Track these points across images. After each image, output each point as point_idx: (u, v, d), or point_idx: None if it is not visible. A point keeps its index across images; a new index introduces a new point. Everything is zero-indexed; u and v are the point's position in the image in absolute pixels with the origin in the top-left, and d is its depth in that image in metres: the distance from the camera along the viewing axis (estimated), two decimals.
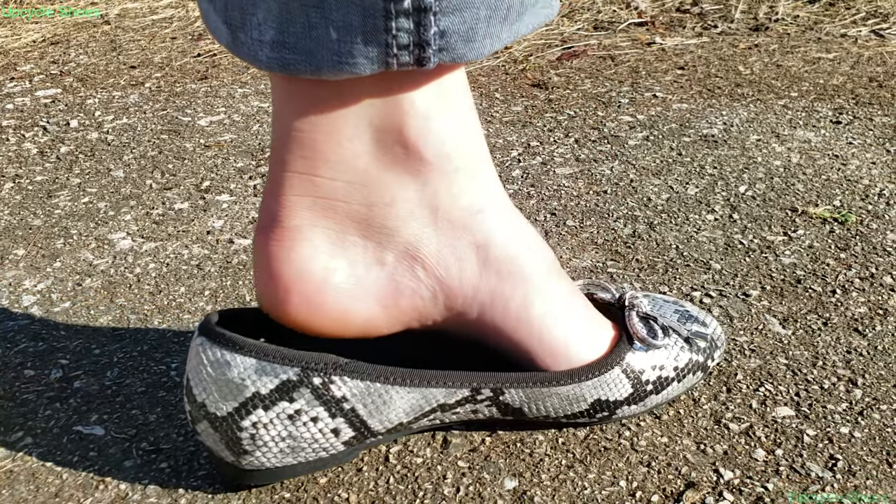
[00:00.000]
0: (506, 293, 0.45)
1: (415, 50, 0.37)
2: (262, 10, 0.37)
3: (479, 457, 0.48)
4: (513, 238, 0.45)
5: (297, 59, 0.37)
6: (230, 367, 0.42)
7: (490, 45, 0.39)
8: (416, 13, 0.36)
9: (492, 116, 1.02)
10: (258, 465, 0.44)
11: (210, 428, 0.43)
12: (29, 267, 0.71)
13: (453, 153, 0.42)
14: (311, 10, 0.36)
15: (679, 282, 0.65)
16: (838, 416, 0.50)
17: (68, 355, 0.59)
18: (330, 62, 0.37)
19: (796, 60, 1.19)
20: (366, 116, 0.40)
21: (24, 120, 1.08)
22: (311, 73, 0.38)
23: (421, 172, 0.42)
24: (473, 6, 0.36)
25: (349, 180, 0.42)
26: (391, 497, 0.45)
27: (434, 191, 0.43)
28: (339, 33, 0.36)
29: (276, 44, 0.37)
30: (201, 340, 0.43)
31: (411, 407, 0.45)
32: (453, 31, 0.37)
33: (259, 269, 0.44)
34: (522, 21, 0.39)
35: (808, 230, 0.72)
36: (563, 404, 0.47)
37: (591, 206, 0.78)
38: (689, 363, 0.49)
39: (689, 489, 0.45)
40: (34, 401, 0.54)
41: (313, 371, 0.42)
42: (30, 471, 0.48)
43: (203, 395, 0.43)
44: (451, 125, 0.42)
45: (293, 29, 0.37)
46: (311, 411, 0.43)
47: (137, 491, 0.46)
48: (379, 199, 0.43)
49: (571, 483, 0.46)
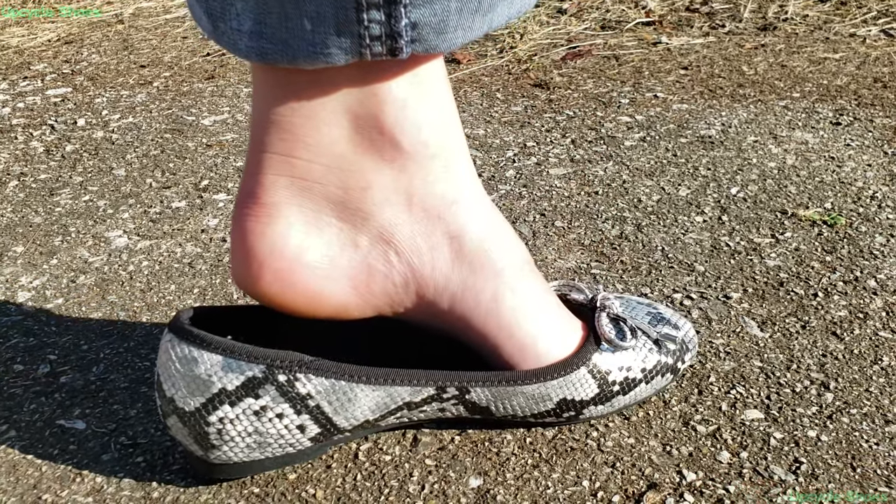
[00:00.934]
0: (477, 285, 0.46)
1: (387, 41, 0.38)
2: (240, 1, 0.38)
3: (447, 455, 0.49)
4: (487, 232, 0.46)
5: (273, 48, 0.38)
6: (197, 363, 0.43)
7: (463, 36, 0.39)
8: (387, 5, 0.36)
9: (491, 116, 1.03)
10: (226, 459, 0.45)
11: (179, 422, 0.44)
12: (26, 264, 0.73)
13: (429, 141, 0.43)
14: (286, 1, 0.37)
15: (661, 283, 0.65)
16: (807, 419, 0.50)
17: (57, 351, 0.60)
18: (305, 52, 0.38)
19: (802, 61, 1.18)
20: (343, 103, 0.41)
21: (34, 119, 1.10)
22: (287, 63, 0.39)
23: (396, 159, 0.43)
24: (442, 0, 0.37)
25: (326, 163, 0.43)
26: (357, 494, 0.46)
27: (409, 178, 0.44)
28: (314, 24, 0.37)
29: (253, 34, 0.38)
30: (170, 337, 0.44)
31: (377, 405, 0.45)
32: (425, 22, 0.38)
33: (234, 245, 0.45)
34: (496, 12, 0.40)
35: (795, 233, 0.72)
36: (530, 403, 0.47)
37: (581, 206, 0.79)
38: (658, 365, 0.50)
39: (651, 490, 0.46)
40: (21, 395, 0.56)
41: (278, 368, 0.43)
42: (11, 463, 0.50)
43: (172, 391, 0.44)
44: (427, 113, 0.43)
45: (270, 20, 0.38)
46: (277, 408, 0.44)
47: (112, 484, 0.48)
48: (355, 184, 0.43)
49: (535, 482, 0.46)
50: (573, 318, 0.50)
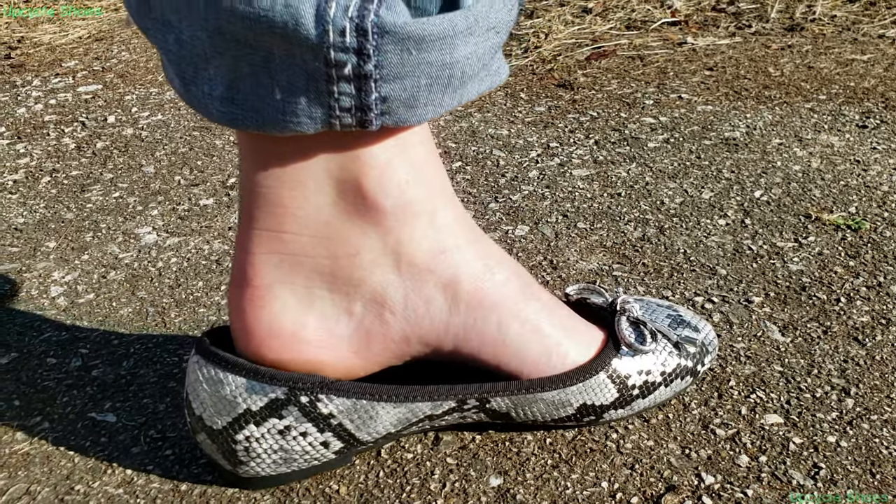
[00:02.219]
0: (478, 325, 0.46)
1: (357, 113, 0.38)
2: (213, 67, 0.38)
3: (468, 454, 0.49)
4: (479, 270, 0.46)
5: (244, 115, 0.39)
6: (223, 384, 0.44)
7: (433, 110, 0.40)
8: (357, 79, 0.37)
9: (514, 117, 1.03)
10: (254, 473, 0.46)
11: (208, 439, 0.45)
12: (59, 259, 0.75)
13: (413, 200, 0.43)
14: (258, 69, 0.37)
15: (683, 286, 0.65)
16: (827, 424, 0.50)
17: (89, 345, 0.62)
18: (275, 120, 0.39)
19: (829, 62, 1.17)
20: (326, 169, 0.42)
21: (65, 115, 1.12)
22: (257, 129, 0.39)
23: (381, 222, 0.43)
24: (414, 75, 0.37)
25: (313, 234, 0.43)
26: (379, 490, 0.47)
27: (396, 238, 0.44)
28: (284, 94, 0.38)
29: (225, 99, 0.39)
30: (197, 358, 0.45)
31: (398, 420, 0.46)
32: (395, 97, 0.38)
33: (234, 323, 0.46)
34: (466, 88, 0.40)
35: (819, 237, 0.72)
36: (550, 409, 0.48)
37: (604, 208, 0.79)
38: (678, 368, 0.50)
39: (669, 492, 0.46)
40: (54, 388, 0.57)
41: (300, 390, 0.44)
42: (45, 454, 0.51)
43: (200, 409, 0.45)
44: (410, 172, 0.43)
45: (241, 86, 0.38)
46: (300, 427, 0.45)
47: (142, 476, 0.49)
48: (343, 251, 0.44)
49: (554, 482, 0.47)
50: (589, 325, 0.50)
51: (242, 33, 0.36)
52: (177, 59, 0.39)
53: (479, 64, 0.40)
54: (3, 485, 0.49)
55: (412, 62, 0.37)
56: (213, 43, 0.37)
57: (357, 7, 0.35)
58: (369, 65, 0.36)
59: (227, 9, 0.35)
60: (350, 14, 0.35)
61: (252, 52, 0.37)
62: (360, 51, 0.36)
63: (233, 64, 0.38)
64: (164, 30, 0.39)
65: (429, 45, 0.37)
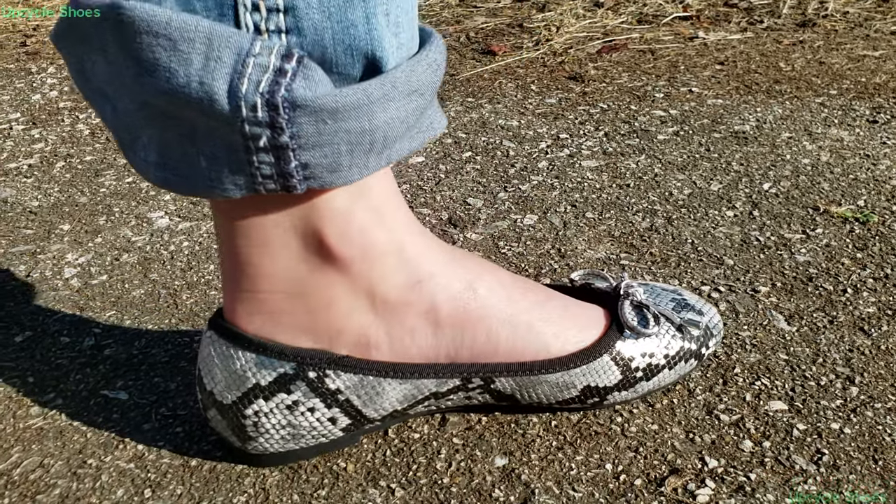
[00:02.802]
0: (466, 340, 0.47)
1: (279, 179, 0.39)
2: (145, 135, 0.39)
3: (474, 435, 0.50)
4: (458, 291, 0.46)
5: (177, 180, 0.40)
6: (234, 359, 0.45)
7: (358, 172, 0.40)
8: (274, 150, 0.37)
9: (525, 108, 1.04)
10: (262, 450, 0.47)
11: (218, 415, 0.46)
12: (73, 241, 0.76)
13: (377, 241, 0.44)
14: (184, 139, 0.38)
15: (690, 276, 0.66)
16: (831, 412, 0.51)
17: (101, 325, 0.63)
18: (203, 186, 0.40)
19: (840, 58, 1.17)
20: (290, 224, 0.42)
21: (79, 102, 1.13)
22: (188, 193, 0.40)
23: (350, 267, 0.44)
24: (332, 143, 0.38)
25: (286, 290, 0.44)
26: (386, 468, 0.48)
27: (367, 280, 0.44)
28: (209, 162, 0.39)
29: (158, 165, 0.40)
30: (210, 334, 0.46)
31: (404, 396, 0.47)
32: (316, 163, 0.38)
33: None
34: (392, 149, 0.41)
35: (827, 229, 0.72)
36: (554, 391, 0.49)
37: (613, 198, 0.79)
38: (681, 351, 0.51)
39: (673, 475, 0.47)
40: (67, 366, 0.58)
41: (308, 366, 0.45)
42: (58, 429, 0.52)
43: (212, 384, 0.46)
44: (370, 215, 0.43)
45: (171, 154, 0.39)
46: (308, 402, 0.46)
47: (153, 451, 0.50)
48: (317, 304, 0.44)
49: (559, 463, 0.48)
50: (591, 308, 0.50)
51: (165, 107, 0.37)
52: (115, 127, 0.41)
53: (403, 126, 0.40)
54: (18, 458, 0.50)
55: (329, 131, 0.37)
56: (143, 114, 0.39)
57: (268, 82, 0.36)
58: (284, 137, 0.37)
59: (149, 84, 0.36)
60: (261, 90, 0.36)
61: (177, 123, 0.38)
62: (273, 124, 0.36)
63: (162, 133, 0.39)
64: (102, 100, 0.40)
65: (344, 115, 0.37)
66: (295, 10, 0.36)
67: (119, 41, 0.36)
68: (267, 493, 0.46)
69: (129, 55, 0.36)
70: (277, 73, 0.36)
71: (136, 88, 0.37)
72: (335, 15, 0.36)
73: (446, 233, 0.75)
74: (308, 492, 0.46)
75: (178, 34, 0.35)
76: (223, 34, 0.35)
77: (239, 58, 0.35)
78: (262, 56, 0.36)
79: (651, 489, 0.46)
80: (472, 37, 1.36)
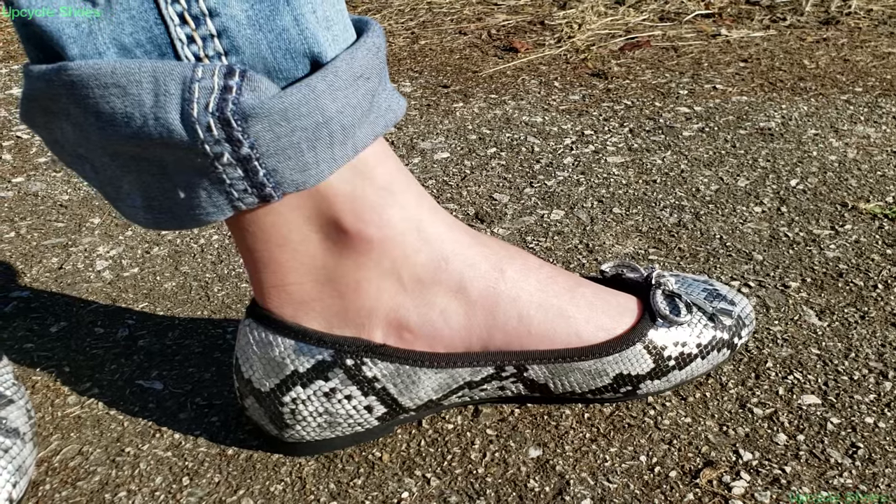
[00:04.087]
0: (499, 322, 0.47)
1: (254, 190, 0.40)
2: (126, 183, 0.41)
3: (507, 426, 0.50)
4: (486, 272, 0.47)
5: (164, 218, 0.41)
6: (272, 346, 0.45)
7: (328, 167, 0.41)
8: (240, 163, 0.38)
9: (549, 105, 1.04)
10: (298, 438, 0.47)
11: (256, 403, 0.47)
12: (103, 234, 0.77)
13: (394, 219, 0.44)
14: (159, 177, 0.40)
15: (719, 271, 0.66)
16: (865, 406, 0.51)
17: (135, 316, 0.63)
18: (188, 217, 0.41)
19: (865, 55, 1.17)
20: (304, 217, 0.43)
21: None
22: (177, 228, 0.42)
23: (372, 249, 0.44)
24: (293, 144, 0.39)
25: (315, 279, 0.45)
26: (421, 458, 0.48)
27: (391, 260, 0.45)
28: (186, 192, 0.40)
29: (145, 208, 0.41)
30: (249, 321, 0.47)
31: (439, 385, 0.47)
32: (282, 167, 0.39)
33: None
34: (355, 137, 0.41)
35: (856, 225, 0.72)
36: (587, 379, 0.49)
37: (640, 194, 0.79)
38: (713, 340, 0.51)
39: (707, 467, 0.47)
40: (102, 356, 0.59)
41: (346, 353, 0.45)
42: (95, 417, 0.53)
43: (249, 372, 0.46)
44: (380, 195, 0.44)
45: (153, 194, 0.40)
46: (345, 390, 0.46)
47: (189, 440, 0.50)
48: (346, 288, 0.45)
49: (593, 455, 0.48)
50: (622, 296, 0.51)
51: (133, 150, 0.39)
52: (98, 184, 0.42)
53: (357, 113, 0.41)
54: (57, 445, 0.50)
55: (285, 133, 0.38)
56: (117, 164, 0.40)
57: (216, 101, 0.37)
58: (244, 149, 0.38)
59: (112, 134, 0.38)
60: (211, 109, 0.37)
61: (148, 164, 0.39)
62: (231, 139, 0.38)
63: (139, 177, 0.40)
64: (80, 162, 0.42)
65: (295, 114, 0.38)
66: (227, 31, 0.37)
67: (75, 101, 0.38)
68: (303, 482, 0.47)
69: (88, 111, 0.38)
70: (223, 91, 0.37)
71: (103, 141, 0.39)
72: (265, 25, 0.38)
73: (473, 228, 0.75)
74: (344, 480, 0.47)
75: (124, 79, 0.37)
76: (166, 68, 0.37)
77: (185, 86, 0.37)
78: (205, 79, 0.37)
79: (686, 481, 0.46)
80: (493, 34, 1.36)
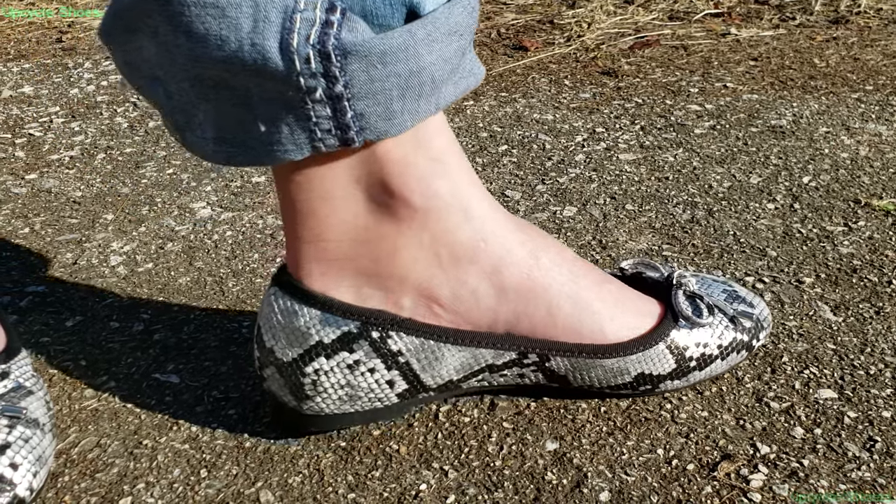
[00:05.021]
0: (528, 309, 0.47)
1: (337, 132, 0.40)
2: (201, 112, 0.40)
3: (524, 419, 0.50)
4: (522, 258, 0.47)
5: (236, 151, 0.41)
6: (297, 315, 0.45)
7: (411, 119, 0.41)
8: (331, 101, 0.38)
9: (559, 103, 1.04)
10: (317, 410, 0.47)
11: (276, 373, 0.47)
12: (117, 230, 0.77)
13: (440, 192, 0.44)
14: (240, 108, 0.39)
15: (734, 267, 0.66)
16: (882, 400, 0.51)
17: (150, 311, 0.64)
18: (264, 152, 0.40)
19: (875, 54, 1.16)
20: (352, 176, 0.43)
21: (117, 96, 1.14)
22: (249, 163, 0.41)
23: (414, 218, 0.44)
24: (384, 89, 0.39)
25: (352, 239, 0.45)
26: (438, 451, 0.48)
27: (431, 233, 0.45)
28: (267, 126, 0.39)
29: (217, 140, 0.41)
30: (274, 290, 0.47)
31: (461, 365, 0.47)
32: (370, 112, 0.39)
33: None
34: (441, 93, 0.41)
35: (869, 222, 0.72)
36: (608, 376, 0.49)
37: (652, 191, 0.79)
38: (734, 342, 0.51)
39: (725, 461, 0.47)
40: (118, 349, 0.59)
41: (372, 325, 0.45)
42: (112, 410, 0.53)
43: (272, 342, 0.46)
44: (431, 166, 0.44)
45: (228, 126, 0.40)
46: (369, 362, 0.46)
47: (207, 433, 0.50)
48: (383, 252, 0.45)
49: (610, 448, 0.48)
50: (642, 296, 0.51)
51: (220, 77, 0.38)
52: (170, 110, 0.42)
53: (448, 67, 0.41)
54: (75, 438, 0.51)
55: (380, 76, 0.38)
56: (197, 91, 0.39)
57: (318, 34, 0.37)
58: (338, 86, 0.38)
59: (202, 57, 0.38)
60: (312, 41, 0.37)
61: (232, 93, 0.39)
62: (327, 74, 0.38)
63: (217, 106, 0.40)
64: (154, 85, 0.41)
65: (393, 58, 0.38)
66: None
67: (168, 19, 0.37)
68: (321, 474, 0.47)
69: (179, 31, 0.37)
70: (324, 25, 0.37)
71: (189, 64, 0.38)
72: None
73: None
74: (362, 472, 0.47)
75: (224, 1, 0.36)
76: None
77: (286, 15, 0.37)
78: (307, 11, 0.37)
79: (704, 474, 0.46)
80: (503, 33, 1.36)
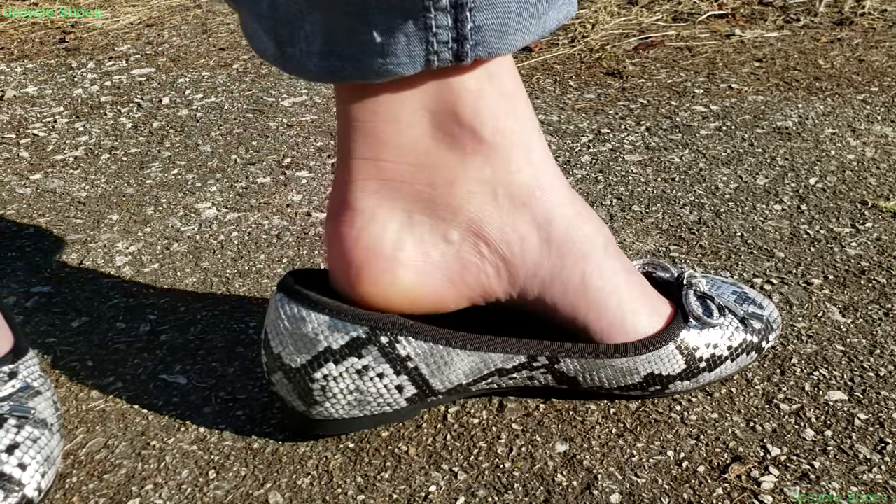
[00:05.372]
0: (565, 271, 0.47)
1: (453, 45, 0.39)
2: (309, 24, 0.40)
3: (533, 421, 0.50)
4: (571, 216, 0.47)
5: (343, 66, 0.40)
6: (305, 322, 0.45)
7: (521, 38, 0.41)
8: (454, 9, 0.38)
9: (564, 103, 1.04)
10: (326, 415, 0.47)
11: (284, 378, 0.46)
12: (122, 231, 0.77)
13: (507, 130, 0.44)
14: (354, 18, 0.39)
15: (741, 268, 0.66)
16: (892, 402, 0.50)
17: (156, 311, 0.63)
18: (376, 66, 0.40)
19: (880, 55, 1.16)
20: (421, 101, 0.43)
21: (121, 96, 1.14)
22: (357, 78, 0.41)
23: (479, 150, 0.44)
24: (504, 2, 0.39)
25: (411, 162, 0.44)
26: (447, 452, 0.48)
27: (493, 168, 0.45)
28: (383, 36, 0.39)
29: (324, 53, 0.40)
30: (280, 296, 0.46)
31: (471, 369, 0.47)
32: (487, 25, 0.39)
33: (331, 252, 0.47)
34: (548, 15, 0.42)
35: (876, 223, 0.71)
36: (617, 376, 0.49)
37: (658, 192, 0.79)
38: (744, 343, 0.51)
39: (735, 462, 0.46)
40: (125, 350, 0.59)
41: (381, 330, 0.45)
42: (120, 411, 0.53)
43: (279, 348, 0.46)
44: (502, 103, 0.44)
45: (338, 37, 0.39)
46: (378, 367, 0.46)
47: (215, 434, 0.50)
48: (441, 179, 0.45)
49: (620, 450, 0.48)
50: (659, 295, 0.51)
51: None
52: (272, 23, 0.41)
53: None
54: (83, 439, 0.50)
55: None
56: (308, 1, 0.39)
57: None
58: None
59: None
60: None
61: (346, 2, 0.38)
62: None
63: (327, 17, 0.39)
64: None
65: None
66: None
67: None
68: (331, 475, 0.47)
69: None
70: None
71: None
72: None
73: None
74: (371, 474, 0.47)
75: None
76: None
77: None
78: None
79: (714, 476, 0.46)
80: None
